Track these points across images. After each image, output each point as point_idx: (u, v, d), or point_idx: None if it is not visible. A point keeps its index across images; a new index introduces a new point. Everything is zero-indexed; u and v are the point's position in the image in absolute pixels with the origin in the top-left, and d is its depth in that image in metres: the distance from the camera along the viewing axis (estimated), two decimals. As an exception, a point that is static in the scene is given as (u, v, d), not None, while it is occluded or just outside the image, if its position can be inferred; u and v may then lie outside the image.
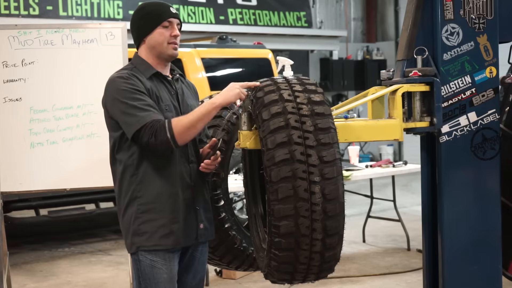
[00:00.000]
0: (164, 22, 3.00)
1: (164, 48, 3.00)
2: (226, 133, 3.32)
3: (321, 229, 2.63)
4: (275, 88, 2.74)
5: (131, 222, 2.95)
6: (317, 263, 2.72)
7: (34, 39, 5.01)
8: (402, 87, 3.13)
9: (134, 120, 2.82)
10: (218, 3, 12.17)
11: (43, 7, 10.05)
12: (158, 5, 3.05)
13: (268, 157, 2.60)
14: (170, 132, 2.79)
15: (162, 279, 2.93)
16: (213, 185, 3.27)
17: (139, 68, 3.00)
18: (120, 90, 2.88)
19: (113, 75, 2.97)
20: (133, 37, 3.08)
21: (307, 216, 2.60)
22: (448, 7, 3.21)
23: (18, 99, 4.99)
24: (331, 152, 2.64)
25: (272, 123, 2.64)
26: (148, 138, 2.80)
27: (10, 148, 4.98)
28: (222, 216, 3.29)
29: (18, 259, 6.97)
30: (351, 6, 15.83)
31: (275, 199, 2.59)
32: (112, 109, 2.90)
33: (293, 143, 2.61)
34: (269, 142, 2.61)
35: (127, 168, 2.94)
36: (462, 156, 3.25)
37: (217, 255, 3.35)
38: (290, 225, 2.60)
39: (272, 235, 2.65)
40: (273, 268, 2.74)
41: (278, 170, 2.58)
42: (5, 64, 4.97)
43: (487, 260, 3.30)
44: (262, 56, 8.34)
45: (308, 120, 2.65)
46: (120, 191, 2.99)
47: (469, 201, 3.29)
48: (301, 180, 2.59)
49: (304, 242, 2.64)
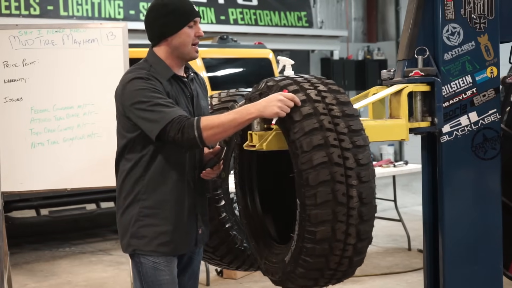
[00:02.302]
0: (191, 22, 2.85)
1: (188, 49, 2.86)
2: (226, 133, 3.32)
3: (355, 234, 2.56)
4: (298, 88, 2.65)
5: (130, 223, 2.88)
6: (345, 268, 2.65)
7: (35, 39, 5.01)
8: (407, 87, 3.12)
9: (160, 116, 2.69)
10: (219, 3, 12.17)
11: (44, 7, 10.05)
12: (183, 2, 2.86)
13: (305, 160, 2.50)
14: (198, 131, 2.65)
15: (165, 281, 2.87)
16: (214, 185, 3.27)
17: (156, 68, 2.84)
18: (140, 89, 2.74)
19: (130, 75, 2.81)
20: (153, 33, 2.89)
21: (343, 221, 2.52)
22: (449, 7, 3.20)
23: (19, 99, 4.99)
24: (366, 154, 2.57)
25: (306, 125, 2.53)
26: (175, 134, 2.66)
27: (11, 148, 4.98)
28: (223, 216, 3.29)
29: (19, 259, 6.97)
30: (352, 6, 15.82)
31: (313, 203, 2.49)
32: (131, 109, 2.76)
33: (330, 145, 2.51)
34: (304, 144, 2.51)
35: (135, 168, 2.85)
36: (463, 156, 3.24)
37: (218, 255, 3.35)
38: (327, 230, 2.51)
39: (305, 241, 2.55)
40: (298, 275, 2.65)
41: (317, 174, 2.48)
42: (5, 64, 4.98)
43: (487, 260, 3.30)
44: (262, 56, 8.34)
45: (341, 122, 2.57)
46: (123, 189, 2.91)
47: (470, 201, 3.29)
48: (339, 183, 2.50)
49: (338, 247, 2.56)
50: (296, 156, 2.55)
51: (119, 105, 2.85)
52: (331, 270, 2.63)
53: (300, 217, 2.58)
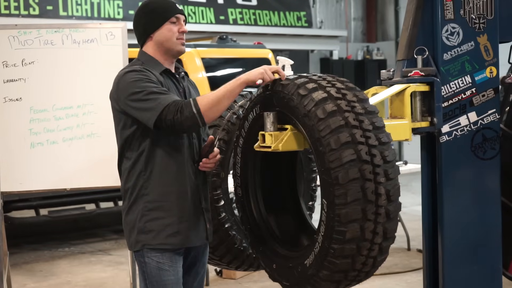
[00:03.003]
0: (172, 18, 2.95)
1: (173, 43, 2.96)
2: (226, 133, 3.32)
3: (382, 233, 2.53)
4: (317, 86, 2.62)
5: (137, 220, 2.90)
6: (368, 268, 2.61)
7: (34, 39, 5.01)
8: (409, 87, 3.12)
9: (155, 103, 2.75)
10: (218, 3, 12.17)
11: (43, 7, 10.05)
12: (164, 1, 3.00)
13: (333, 158, 2.45)
14: (196, 108, 2.72)
15: (170, 281, 2.89)
16: (213, 185, 3.27)
17: (148, 64, 2.94)
18: (134, 81, 2.82)
19: (123, 70, 2.92)
20: (138, 33, 3.02)
21: (372, 219, 2.49)
22: (448, 7, 3.20)
23: (18, 99, 4.99)
24: (391, 151, 2.55)
25: (332, 122, 2.49)
26: (174, 115, 2.72)
27: (10, 148, 4.98)
28: (222, 216, 3.29)
29: (18, 259, 6.97)
30: (351, 6, 15.82)
31: (343, 202, 2.44)
32: (126, 102, 2.83)
33: (357, 142, 2.48)
34: (332, 141, 2.47)
35: (136, 165, 2.90)
36: (462, 156, 3.24)
37: (217, 255, 3.35)
38: (356, 229, 2.47)
39: (333, 242, 2.50)
40: (322, 278, 2.59)
41: (346, 172, 2.44)
42: (5, 64, 4.97)
43: (487, 260, 3.30)
44: (262, 56, 8.33)
45: (365, 119, 2.54)
46: (127, 188, 2.94)
47: (469, 201, 3.29)
48: (368, 181, 2.47)
49: (365, 247, 2.52)
50: (322, 155, 2.50)
51: (114, 102, 2.91)
52: (355, 271, 2.59)
53: (327, 217, 2.52)
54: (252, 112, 2.96)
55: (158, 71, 2.93)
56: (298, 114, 2.62)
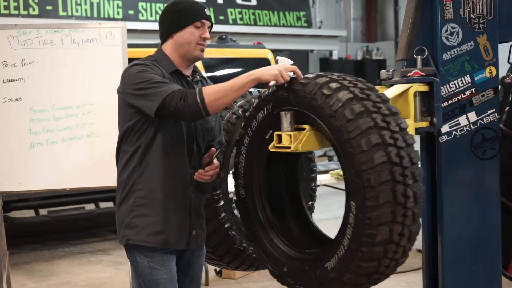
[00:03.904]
0: (197, 22, 2.92)
1: (192, 48, 2.93)
2: (225, 133, 3.32)
3: (407, 235, 2.50)
4: (340, 86, 2.57)
5: (126, 214, 2.91)
6: (389, 271, 2.58)
7: (34, 39, 5.01)
8: (412, 87, 3.11)
9: (158, 90, 2.73)
10: (218, 3, 12.18)
11: (43, 7, 10.06)
12: (193, 4, 2.97)
13: (364, 160, 2.41)
14: (201, 96, 2.69)
15: (163, 280, 2.89)
16: (213, 185, 3.26)
17: (160, 62, 2.92)
18: (138, 72, 2.81)
19: (132, 63, 2.91)
20: (162, 30, 2.99)
21: (400, 222, 2.46)
22: (448, 7, 3.20)
23: (18, 99, 4.99)
24: (416, 152, 2.52)
25: (361, 123, 2.45)
26: (177, 102, 2.69)
27: (10, 148, 4.98)
28: (222, 216, 3.29)
29: (17, 259, 6.97)
30: (351, 6, 15.84)
31: (375, 205, 2.41)
32: (128, 91, 2.81)
33: (387, 144, 2.44)
34: (363, 143, 2.43)
35: (132, 159, 2.89)
36: (461, 156, 3.24)
37: (217, 255, 3.35)
38: (386, 232, 2.43)
39: (362, 244, 2.46)
40: (345, 281, 2.55)
41: (379, 174, 2.40)
42: (4, 64, 4.97)
43: (486, 260, 3.30)
44: (261, 56, 8.34)
45: (391, 120, 2.51)
46: (120, 181, 2.95)
47: (468, 201, 3.29)
48: (398, 183, 2.43)
49: (391, 249, 2.48)
50: (351, 156, 2.46)
51: (120, 94, 2.90)
52: (378, 274, 2.56)
53: (356, 220, 2.47)
54: (263, 111, 2.87)
55: (169, 70, 2.91)
56: (322, 114, 2.56)
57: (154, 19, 11.26)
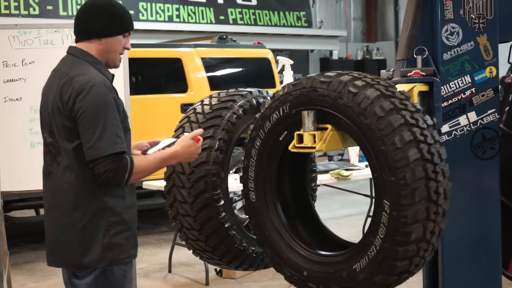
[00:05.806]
0: (127, 33, 2.87)
1: (116, 57, 2.86)
2: (226, 132, 3.32)
3: (438, 233, 2.48)
4: (366, 83, 2.54)
5: (99, 237, 2.75)
6: (417, 270, 2.55)
7: (34, 39, 5.01)
8: (415, 86, 3.11)
9: (105, 144, 2.63)
10: (218, 3, 12.18)
11: (43, 7, 10.06)
12: (127, 11, 2.89)
13: (399, 157, 2.39)
14: (129, 175, 2.67)
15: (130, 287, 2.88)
16: (213, 185, 3.26)
17: (99, 68, 2.81)
18: (105, 102, 2.68)
19: (92, 80, 2.72)
20: (90, 27, 2.83)
21: (433, 219, 2.44)
22: (448, 7, 3.21)
23: (18, 99, 4.99)
24: (444, 149, 2.51)
25: (393, 120, 2.42)
26: (105, 171, 2.63)
27: (10, 148, 4.98)
28: (222, 216, 3.29)
29: (18, 259, 6.97)
30: (351, 6, 15.84)
31: (410, 202, 2.38)
32: (88, 117, 2.67)
33: (419, 141, 2.43)
34: (397, 140, 2.41)
35: (87, 181, 2.73)
36: (462, 156, 3.25)
37: (217, 254, 3.35)
38: (420, 230, 2.41)
39: (395, 243, 2.42)
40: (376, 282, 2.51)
41: (414, 171, 2.39)
42: (5, 63, 4.97)
43: (486, 260, 3.30)
44: (262, 56, 8.34)
45: (419, 117, 2.49)
46: (75, 204, 2.77)
47: (468, 200, 3.29)
48: (431, 180, 2.42)
49: (423, 248, 2.46)
50: (384, 153, 2.43)
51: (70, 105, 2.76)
52: (408, 273, 2.53)
53: (390, 218, 2.44)
54: (278, 112, 2.80)
55: (109, 77, 2.84)
56: (350, 112, 2.53)
57: (154, 19, 11.26)
